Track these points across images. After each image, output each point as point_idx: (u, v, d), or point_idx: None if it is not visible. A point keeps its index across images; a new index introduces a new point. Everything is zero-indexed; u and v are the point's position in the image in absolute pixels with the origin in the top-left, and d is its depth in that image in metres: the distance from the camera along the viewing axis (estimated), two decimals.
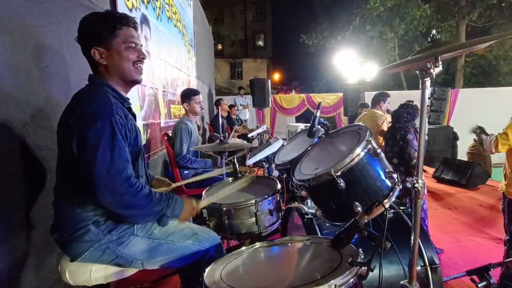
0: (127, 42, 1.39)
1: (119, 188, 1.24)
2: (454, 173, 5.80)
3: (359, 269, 1.02)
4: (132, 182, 1.28)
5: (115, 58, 1.38)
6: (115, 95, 1.40)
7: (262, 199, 1.96)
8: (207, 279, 1.13)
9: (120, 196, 1.25)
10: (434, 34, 1.19)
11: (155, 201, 1.34)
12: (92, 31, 1.36)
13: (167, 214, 1.39)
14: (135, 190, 1.27)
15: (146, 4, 3.48)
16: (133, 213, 1.31)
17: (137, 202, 1.29)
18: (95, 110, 1.28)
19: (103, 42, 1.36)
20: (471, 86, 15.72)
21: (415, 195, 1.21)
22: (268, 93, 8.71)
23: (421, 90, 1.17)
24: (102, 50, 1.37)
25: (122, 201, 1.26)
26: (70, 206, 1.35)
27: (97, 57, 1.37)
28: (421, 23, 14.29)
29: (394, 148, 3.07)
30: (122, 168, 1.25)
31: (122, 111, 1.36)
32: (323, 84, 22.73)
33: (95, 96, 1.35)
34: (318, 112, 1.78)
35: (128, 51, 1.40)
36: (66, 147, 1.27)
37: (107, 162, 1.22)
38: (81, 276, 1.40)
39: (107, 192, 1.23)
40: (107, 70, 1.40)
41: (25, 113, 1.53)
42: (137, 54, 1.43)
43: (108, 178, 1.21)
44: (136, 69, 1.44)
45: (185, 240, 1.50)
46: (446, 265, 3.00)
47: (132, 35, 1.41)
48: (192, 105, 3.38)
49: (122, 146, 1.28)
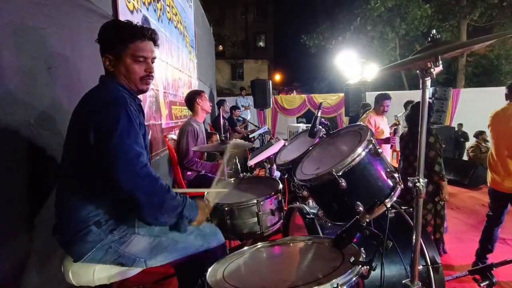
0: (135, 56, 1.41)
1: (140, 171, 1.22)
2: (456, 173, 5.79)
3: (361, 268, 1.03)
4: (150, 169, 1.26)
5: (122, 70, 1.42)
6: (126, 92, 1.42)
7: (264, 199, 1.97)
8: (210, 278, 1.14)
9: (142, 179, 1.22)
10: (434, 34, 1.19)
11: (172, 194, 1.31)
12: (106, 39, 1.41)
13: (185, 214, 1.35)
14: (154, 177, 1.26)
15: (147, 5, 3.50)
16: (151, 200, 1.25)
17: (156, 187, 1.26)
18: (109, 100, 1.30)
19: (113, 51, 1.40)
20: (472, 85, 15.66)
21: (416, 194, 1.21)
22: (269, 94, 8.72)
23: (421, 89, 1.18)
24: (111, 58, 1.41)
25: (143, 184, 1.23)
26: (72, 207, 1.35)
27: (106, 64, 1.42)
28: (422, 23, 14.27)
29: (415, 151, 3.02)
30: (139, 153, 1.24)
31: (134, 105, 1.39)
32: (324, 84, 22.72)
33: (107, 90, 1.38)
34: (319, 112, 1.79)
35: (136, 64, 1.42)
36: (82, 141, 1.26)
37: (126, 146, 1.22)
38: (84, 276, 1.41)
39: (129, 174, 1.20)
40: (115, 75, 1.44)
41: (29, 114, 1.54)
42: (145, 68, 1.44)
43: (128, 160, 1.20)
44: (142, 82, 1.46)
45: (187, 235, 1.50)
46: (448, 265, 3.00)
47: (143, 49, 1.42)
48: (204, 101, 3.36)
49: (138, 133, 1.29)
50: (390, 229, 1.25)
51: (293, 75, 28.58)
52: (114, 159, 1.20)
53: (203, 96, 3.40)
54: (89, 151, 1.25)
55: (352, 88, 9.17)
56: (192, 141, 3.17)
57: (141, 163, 1.23)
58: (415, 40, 15.41)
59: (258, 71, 26.95)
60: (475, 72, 17.49)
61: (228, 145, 2.44)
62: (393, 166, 1.50)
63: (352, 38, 15.11)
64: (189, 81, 6.07)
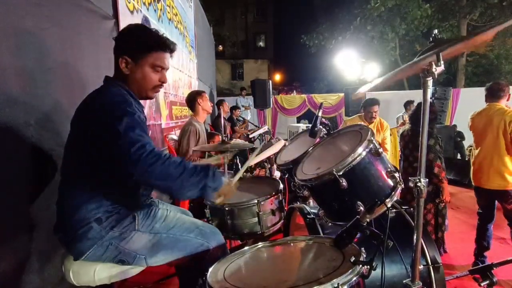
0: (155, 65, 1.42)
1: (149, 159, 1.20)
2: (456, 173, 5.79)
3: (361, 268, 1.03)
4: (159, 152, 1.24)
5: (138, 75, 1.42)
6: (131, 97, 1.43)
7: (264, 199, 1.97)
8: (210, 278, 1.14)
9: (151, 166, 1.20)
10: (436, 34, 1.19)
11: (189, 170, 1.27)
12: (128, 42, 1.41)
13: (208, 184, 1.30)
14: (164, 159, 1.23)
15: (147, 6, 3.50)
16: (170, 184, 1.24)
17: (169, 170, 1.23)
18: (114, 99, 1.32)
19: (134, 56, 1.40)
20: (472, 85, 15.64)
21: (418, 194, 1.21)
22: (269, 94, 8.72)
23: (422, 90, 1.18)
24: (129, 61, 1.41)
25: (155, 171, 1.21)
26: (72, 205, 1.36)
27: (122, 66, 1.41)
28: (422, 23, 14.26)
29: (414, 152, 3.04)
30: (146, 142, 1.24)
31: (137, 108, 1.40)
32: (324, 84, 22.71)
33: (112, 91, 1.39)
34: (320, 112, 1.79)
35: (153, 73, 1.44)
36: (85, 140, 1.28)
37: (132, 138, 1.21)
38: (85, 276, 1.41)
39: (139, 165, 1.19)
40: (127, 78, 1.44)
41: (29, 115, 1.54)
42: (159, 77, 1.46)
43: (136, 151, 1.19)
44: (153, 90, 1.48)
45: (188, 234, 1.51)
46: (449, 264, 3.00)
47: (163, 60, 1.44)
48: (205, 101, 3.38)
49: (143, 128, 1.29)
50: (390, 228, 1.25)
51: (293, 75, 28.62)
52: (123, 155, 1.19)
53: (204, 96, 3.40)
54: (93, 151, 1.27)
55: (352, 88, 9.17)
56: (193, 141, 3.17)
57: (148, 151, 1.20)
58: (415, 40, 15.40)
59: (258, 71, 26.94)
60: (475, 72, 17.48)
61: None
62: (394, 166, 1.50)
63: (352, 38, 15.09)
64: (189, 81, 6.07)
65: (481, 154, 2.92)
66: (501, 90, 2.86)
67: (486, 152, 2.87)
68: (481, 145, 2.92)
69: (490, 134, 2.83)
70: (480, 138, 2.93)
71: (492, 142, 2.82)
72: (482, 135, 2.90)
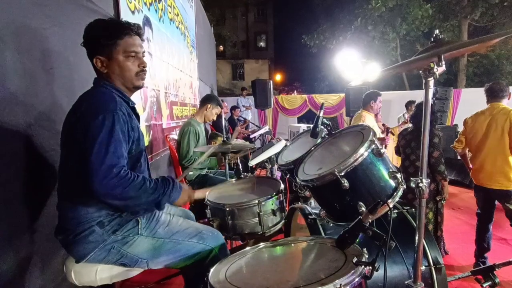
0: (127, 52, 1.41)
1: (112, 181, 1.22)
2: (457, 173, 5.78)
3: (363, 268, 1.02)
4: (123, 174, 1.26)
5: (116, 68, 1.41)
6: (120, 95, 1.43)
7: (265, 199, 1.96)
8: (212, 279, 1.14)
9: (112, 189, 1.23)
10: (437, 34, 1.19)
11: (148, 190, 1.32)
12: (94, 40, 1.39)
13: (162, 201, 1.38)
14: (127, 182, 1.25)
15: (148, 6, 3.50)
16: (126, 203, 1.31)
17: (129, 194, 1.27)
18: (99, 104, 1.31)
19: (104, 51, 1.39)
20: (473, 85, 15.63)
21: (419, 194, 1.21)
22: (270, 94, 8.70)
23: (424, 90, 1.17)
24: (103, 59, 1.40)
25: (115, 193, 1.24)
26: (74, 207, 1.36)
27: (98, 66, 1.41)
28: (423, 23, 14.24)
29: (417, 151, 3.03)
30: (115, 163, 1.25)
31: (126, 109, 1.39)
32: (325, 84, 22.70)
33: (100, 94, 1.38)
34: (321, 112, 1.79)
35: (129, 61, 1.42)
36: (74, 142, 1.29)
37: (101, 157, 1.22)
38: (86, 276, 1.41)
39: (100, 185, 1.21)
40: (109, 76, 1.43)
41: (30, 114, 1.54)
42: (138, 63, 1.44)
43: (101, 171, 1.21)
44: (137, 78, 1.46)
45: (190, 239, 1.51)
46: (450, 265, 3.00)
47: (133, 44, 1.42)
48: (213, 110, 3.44)
49: (119, 141, 1.28)
50: (392, 229, 1.24)
51: (293, 75, 28.59)
52: (90, 169, 1.21)
53: (217, 108, 3.47)
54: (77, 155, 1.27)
55: (353, 88, 9.16)
56: (193, 141, 3.17)
57: (113, 173, 1.23)
58: (416, 40, 15.39)
59: (259, 71, 26.94)
60: (476, 72, 17.46)
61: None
62: (396, 166, 1.49)
63: (353, 38, 15.08)
64: (190, 81, 6.07)
65: (482, 153, 2.90)
66: (503, 90, 2.85)
67: (489, 151, 2.85)
68: (482, 144, 2.90)
69: (493, 133, 2.81)
70: (483, 138, 2.90)
71: (495, 142, 2.80)
72: (485, 134, 2.87)
